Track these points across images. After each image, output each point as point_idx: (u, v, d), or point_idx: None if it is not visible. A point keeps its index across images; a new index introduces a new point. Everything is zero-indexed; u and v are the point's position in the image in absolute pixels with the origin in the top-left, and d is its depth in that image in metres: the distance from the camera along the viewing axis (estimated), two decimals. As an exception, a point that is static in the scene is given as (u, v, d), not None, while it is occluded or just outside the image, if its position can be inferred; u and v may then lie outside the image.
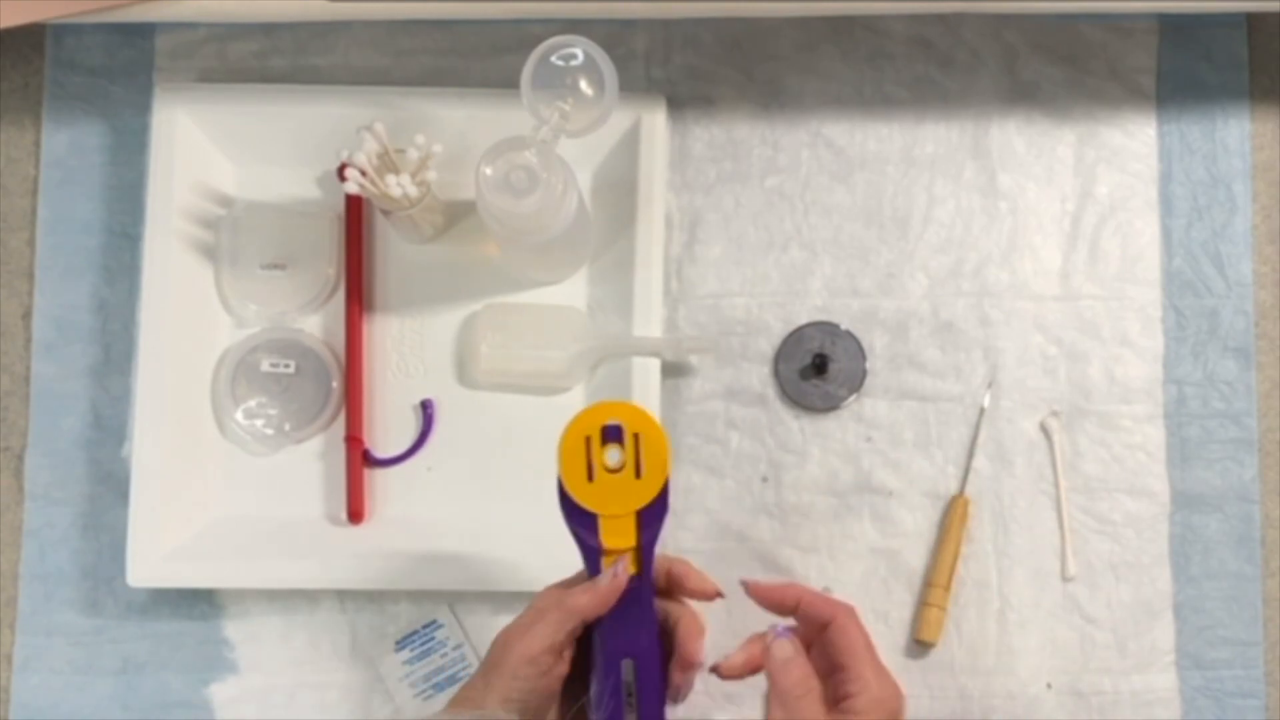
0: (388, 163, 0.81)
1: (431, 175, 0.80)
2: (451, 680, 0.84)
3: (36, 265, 0.87)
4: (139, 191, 0.86)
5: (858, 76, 0.88)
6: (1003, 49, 0.88)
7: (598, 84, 0.73)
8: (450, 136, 0.82)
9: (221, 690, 0.84)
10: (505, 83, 0.81)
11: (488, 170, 0.73)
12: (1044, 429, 0.85)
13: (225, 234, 0.86)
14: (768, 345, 0.86)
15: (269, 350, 0.85)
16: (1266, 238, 0.87)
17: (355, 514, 0.84)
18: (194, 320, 0.85)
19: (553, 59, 0.73)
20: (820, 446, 0.85)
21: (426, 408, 0.86)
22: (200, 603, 0.85)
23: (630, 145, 0.85)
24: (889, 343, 0.86)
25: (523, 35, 0.86)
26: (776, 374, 0.86)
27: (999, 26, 0.88)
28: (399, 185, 0.79)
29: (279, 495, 0.85)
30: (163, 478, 0.82)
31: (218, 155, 0.86)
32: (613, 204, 0.85)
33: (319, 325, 0.87)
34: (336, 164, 0.82)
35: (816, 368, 0.85)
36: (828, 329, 0.86)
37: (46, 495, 0.86)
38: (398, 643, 0.84)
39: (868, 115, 0.88)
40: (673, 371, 0.85)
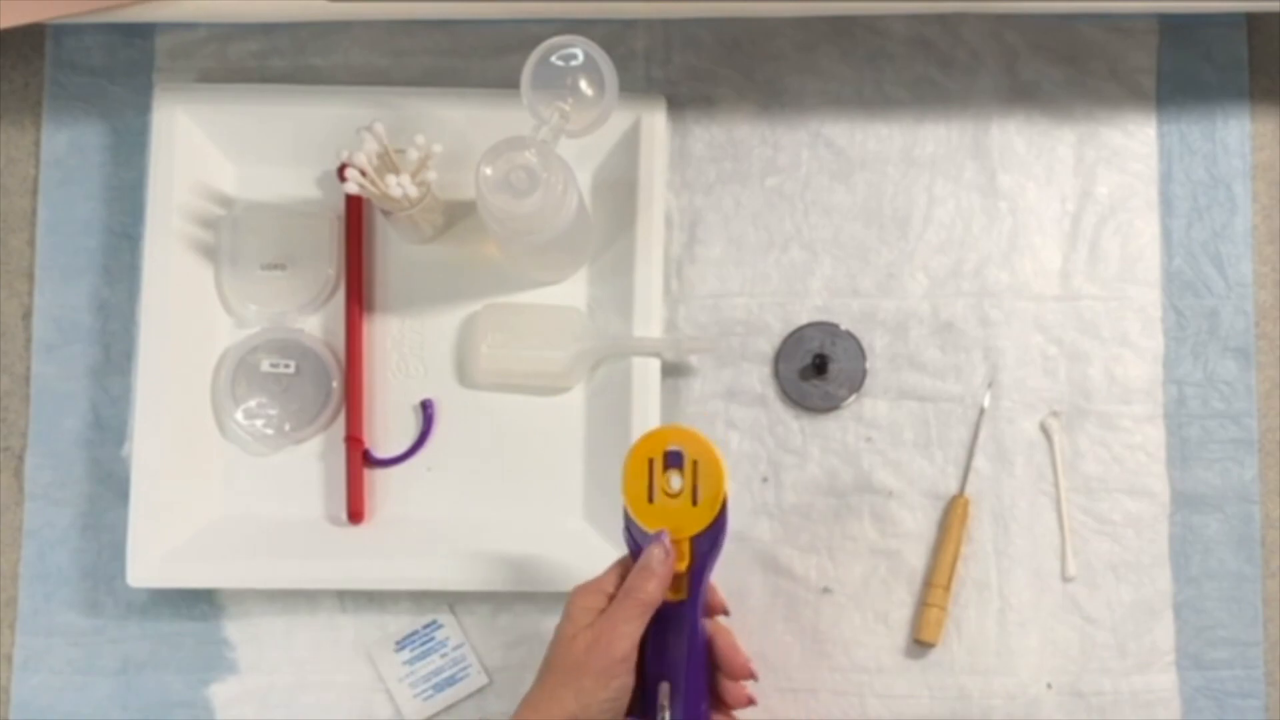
0: (388, 163, 0.81)
1: (431, 175, 0.80)
2: (451, 680, 0.84)
3: (36, 265, 0.87)
4: (139, 191, 0.86)
5: (858, 76, 0.88)
6: (1003, 49, 0.88)
7: (598, 84, 0.73)
8: (450, 136, 0.82)
9: (221, 690, 0.84)
10: (505, 83, 0.81)
11: (488, 170, 0.73)
12: (1044, 429, 0.85)
13: (225, 234, 0.86)
14: (768, 345, 0.86)
15: (269, 350, 0.85)
16: (1266, 238, 0.87)
17: (355, 514, 0.84)
18: (194, 320, 0.85)
19: (553, 59, 0.73)
20: (820, 446, 0.85)
21: (426, 408, 0.86)
22: (200, 603, 0.85)
23: (630, 145, 0.85)
24: (889, 343, 0.86)
25: (523, 35, 0.86)
26: (776, 374, 0.86)
27: (999, 26, 0.88)
28: (399, 185, 0.79)
29: (279, 495, 0.85)
30: (163, 478, 0.82)
31: (218, 155, 0.86)
32: (613, 204, 0.85)
33: (319, 325, 0.87)
34: (336, 164, 0.81)
35: (816, 368, 0.85)
36: (828, 329, 0.86)
37: (46, 495, 0.86)
38: (398, 643, 0.84)
39: (868, 115, 0.88)
40: (673, 371, 0.85)
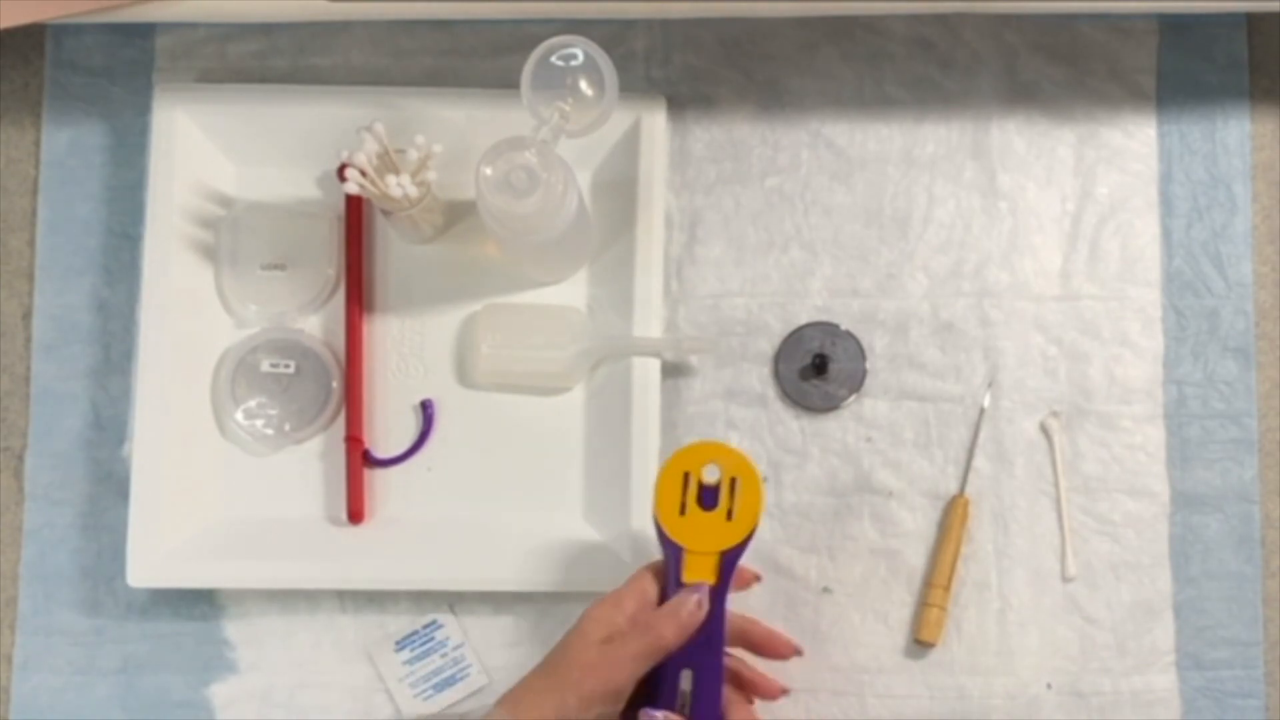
0: (388, 163, 0.81)
1: (431, 175, 0.80)
2: (451, 681, 0.84)
3: (36, 265, 0.87)
4: (139, 191, 0.86)
5: (858, 76, 0.88)
6: (1003, 49, 0.88)
7: (598, 84, 0.73)
8: (450, 136, 0.82)
9: (221, 690, 0.84)
10: (505, 83, 0.81)
11: (488, 170, 0.73)
12: (1044, 429, 0.85)
13: (225, 234, 0.86)
14: (768, 345, 0.86)
15: (269, 350, 0.85)
16: (1266, 238, 0.87)
17: (355, 514, 0.84)
18: (194, 320, 0.85)
19: (553, 59, 0.73)
20: (820, 447, 0.85)
21: (426, 408, 0.86)
22: (200, 603, 0.85)
23: (630, 145, 0.84)
24: (889, 343, 0.86)
25: (523, 35, 0.86)
26: (776, 374, 0.86)
27: (999, 27, 0.87)
28: (399, 185, 0.79)
29: (279, 495, 0.85)
30: (163, 478, 0.82)
31: (218, 155, 0.86)
32: (613, 204, 0.85)
33: (319, 325, 0.86)
34: (336, 164, 0.81)
35: (816, 368, 0.85)
36: (828, 329, 0.86)
37: (46, 495, 0.86)
38: (398, 643, 0.84)
39: (868, 115, 0.88)
40: (673, 371, 0.85)
